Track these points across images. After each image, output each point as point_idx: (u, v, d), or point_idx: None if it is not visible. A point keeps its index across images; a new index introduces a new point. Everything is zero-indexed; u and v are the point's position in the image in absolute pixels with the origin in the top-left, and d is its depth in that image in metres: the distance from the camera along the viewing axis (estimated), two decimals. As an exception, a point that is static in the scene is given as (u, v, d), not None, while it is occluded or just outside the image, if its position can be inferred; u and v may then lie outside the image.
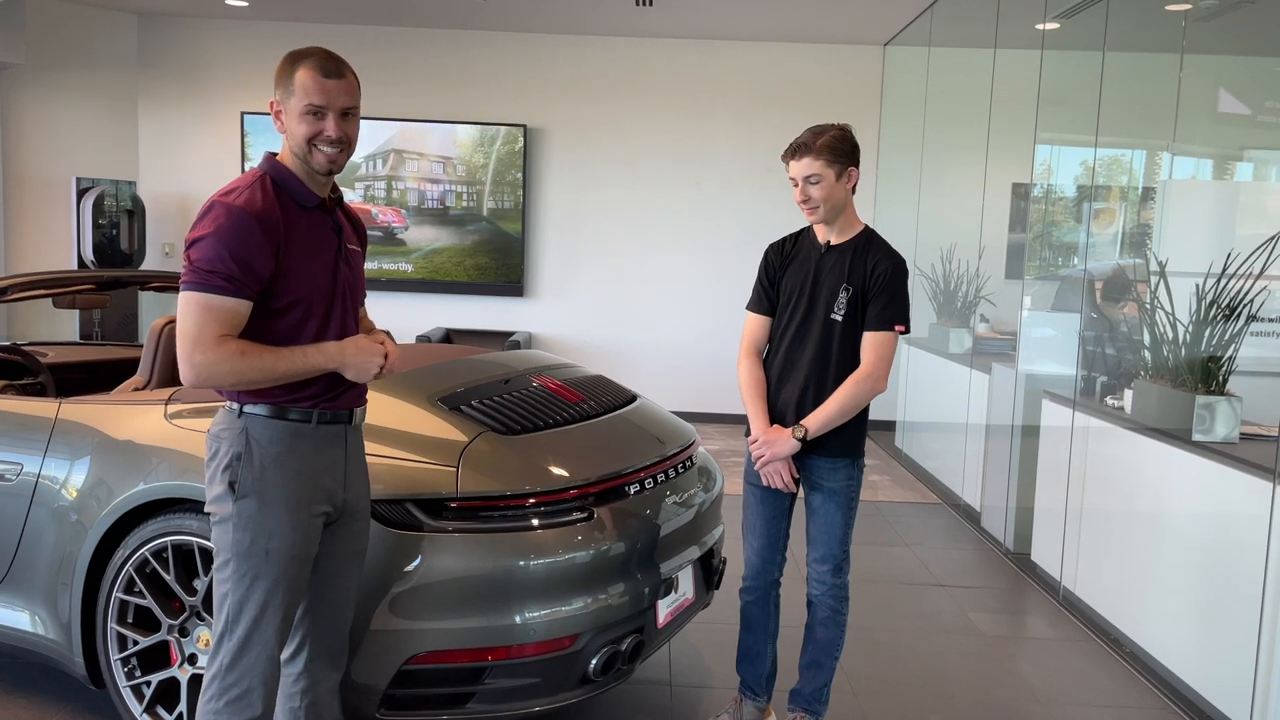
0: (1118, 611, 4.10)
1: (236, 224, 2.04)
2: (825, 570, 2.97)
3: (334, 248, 2.25)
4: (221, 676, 2.14)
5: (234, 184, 2.14)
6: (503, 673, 2.62)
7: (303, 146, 2.15)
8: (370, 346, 2.22)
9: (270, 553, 2.13)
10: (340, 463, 2.28)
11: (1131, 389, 4.22)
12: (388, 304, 8.47)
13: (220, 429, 2.19)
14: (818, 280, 2.93)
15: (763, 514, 3.04)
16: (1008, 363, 5.55)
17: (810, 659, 3.04)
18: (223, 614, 2.15)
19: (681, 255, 8.44)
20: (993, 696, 3.56)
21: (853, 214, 2.96)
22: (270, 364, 2.08)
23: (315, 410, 2.20)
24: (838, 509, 2.96)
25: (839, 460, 2.94)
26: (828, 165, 2.84)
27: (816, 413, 2.86)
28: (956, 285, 6.87)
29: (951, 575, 4.87)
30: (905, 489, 6.52)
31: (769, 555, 3.05)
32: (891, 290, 2.86)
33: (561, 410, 3.10)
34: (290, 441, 2.18)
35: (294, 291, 2.14)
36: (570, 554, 2.67)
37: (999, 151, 6.28)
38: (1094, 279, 4.96)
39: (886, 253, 2.91)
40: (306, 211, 2.20)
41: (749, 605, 3.10)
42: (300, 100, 2.12)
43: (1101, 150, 5.12)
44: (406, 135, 8.24)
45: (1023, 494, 5.16)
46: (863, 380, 2.86)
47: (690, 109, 8.36)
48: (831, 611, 3.00)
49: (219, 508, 2.15)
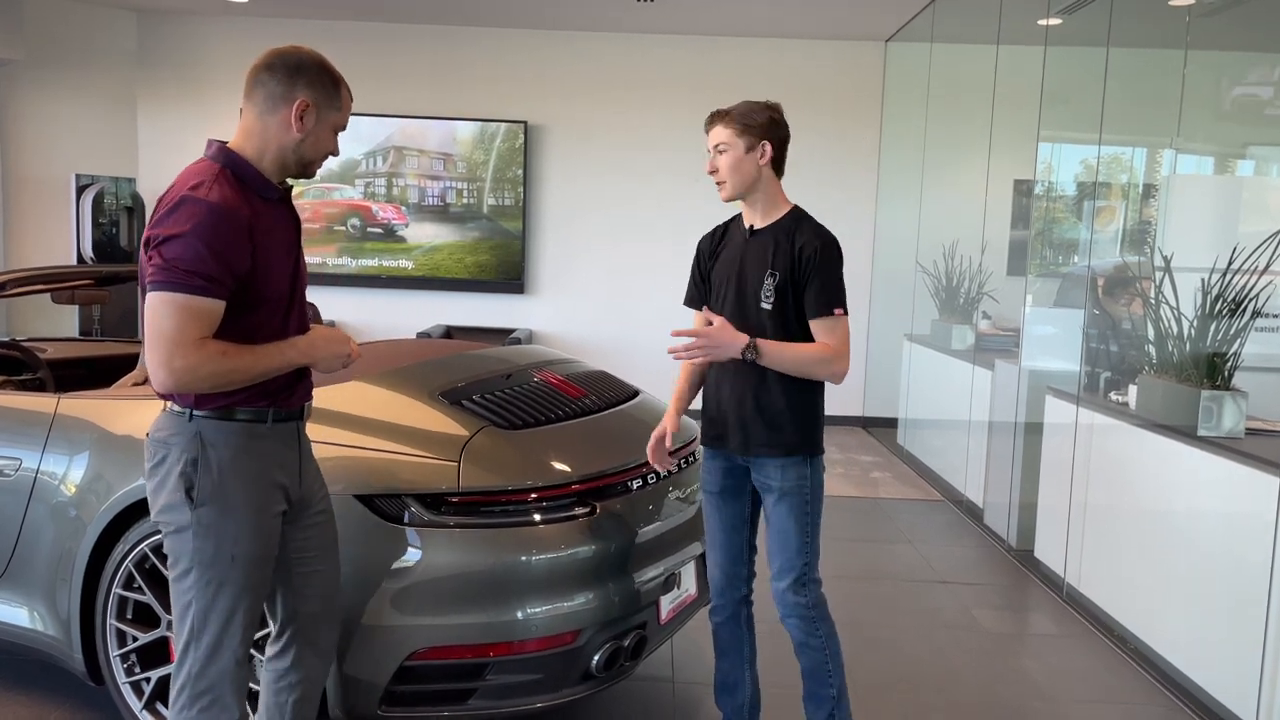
0: (1122, 608, 4.08)
1: (213, 221, 1.95)
2: (783, 587, 2.70)
3: (292, 239, 2.21)
4: (191, 684, 2.09)
5: (195, 177, 2.02)
6: (504, 669, 2.61)
7: (320, 156, 2.18)
8: (338, 335, 2.20)
9: (235, 558, 2.07)
10: (295, 458, 2.22)
11: (1136, 384, 4.20)
12: (388, 301, 8.46)
13: (166, 434, 2.08)
14: (743, 268, 2.73)
15: (722, 524, 2.84)
16: (1010, 359, 5.53)
17: (806, 691, 2.80)
18: (186, 622, 2.08)
19: (682, 252, 8.41)
20: (996, 694, 3.54)
21: (776, 194, 2.76)
22: (250, 363, 2.02)
23: (270, 409, 2.13)
24: (790, 512, 2.69)
25: (790, 458, 2.70)
26: (737, 135, 2.69)
27: (776, 344, 2.62)
28: (959, 282, 6.85)
29: (954, 572, 4.85)
30: (908, 486, 6.50)
31: (732, 569, 2.84)
32: (824, 273, 2.64)
33: (563, 405, 3.08)
34: (245, 443, 2.10)
35: (264, 287, 2.08)
36: (572, 549, 2.66)
37: (1001, 148, 6.26)
38: (1097, 275, 4.94)
39: (814, 232, 2.69)
40: (268, 204, 2.13)
41: (719, 627, 2.90)
42: (342, 118, 2.18)
43: (1105, 146, 5.10)
44: (406, 132, 8.22)
45: (1026, 490, 5.14)
46: (824, 350, 2.63)
47: (691, 106, 8.28)
48: (803, 635, 2.73)
49: (174, 516, 2.06)
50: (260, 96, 2.11)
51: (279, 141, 2.11)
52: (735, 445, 2.78)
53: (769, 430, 2.71)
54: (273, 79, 2.10)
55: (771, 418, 2.71)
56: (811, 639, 2.72)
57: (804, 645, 2.74)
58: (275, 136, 2.11)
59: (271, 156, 2.12)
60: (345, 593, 2.54)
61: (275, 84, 2.09)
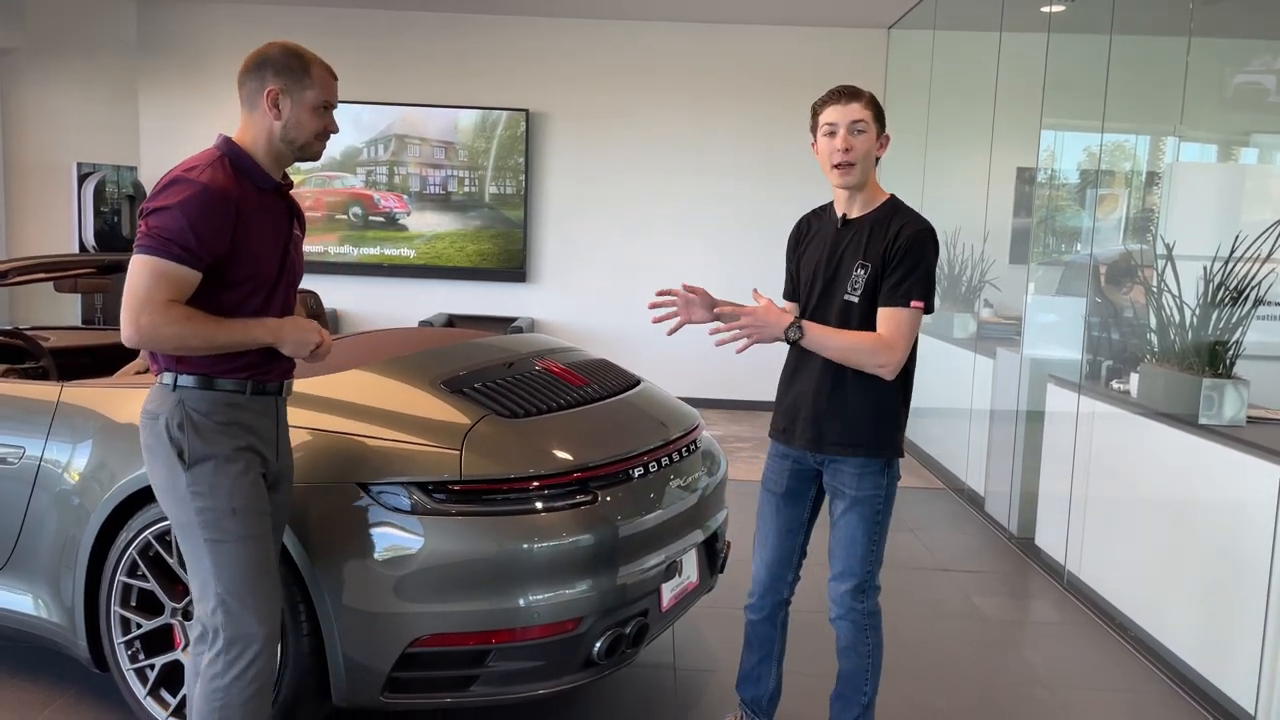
0: (1123, 596, 4.09)
1: (200, 199, 2.10)
2: (844, 591, 2.65)
3: (285, 230, 2.33)
4: (224, 650, 2.16)
5: (194, 161, 2.18)
6: (506, 655, 2.62)
7: (309, 137, 2.27)
8: (308, 324, 2.29)
9: (236, 510, 2.18)
10: (273, 432, 2.35)
11: (1137, 373, 4.20)
12: (390, 290, 8.46)
13: (155, 404, 2.23)
14: (833, 259, 2.62)
15: (777, 525, 2.78)
16: (1012, 347, 5.53)
17: (837, 691, 2.75)
18: (209, 591, 2.17)
19: (684, 240, 8.41)
20: (997, 681, 3.55)
21: (876, 185, 2.66)
22: (213, 331, 2.13)
23: (250, 381, 2.25)
24: (861, 521, 2.62)
25: (869, 462, 2.60)
26: (874, 120, 2.59)
27: (822, 327, 2.55)
28: (961, 270, 6.84)
29: (955, 560, 4.87)
30: (909, 474, 6.51)
31: (779, 572, 2.80)
32: (912, 260, 2.50)
33: (565, 394, 3.09)
34: (228, 411, 2.23)
35: (246, 268, 2.20)
36: (573, 537, 2.66)
37: (1004, 136, 6.24)
38: (1099, 263, 4.93)
39: (912, 219, 2.56)
40: (262, 194, 2.26)
41: (754, 624, 2.86)
42: (319, 94, 2.27)
43: (1108, 134, 5.09)
44: (408, 120, 8.21)
45: (1027, 479, 5.15)
46: (875, 340, 2.50)
47: (692, 93, 8.32)
48: (851, 640, 2.68)
49: (170, 482, 2.18)
50: (244, 97, 2.26)
51: (266, 132, 2.25)
52: (806, 441, 2.68)
53: (845, 429, 2.61)
54: (248, 78, 2.25)
55: (848, 414, 2.60)
56: (859, 645, 2.68)
57: (849, 649, 2.69)
58: (262, 128, 2.25)
59: (264, 147, 2.26)
60: (348, 580, 2.56)
61: (250, 82, 2.24)
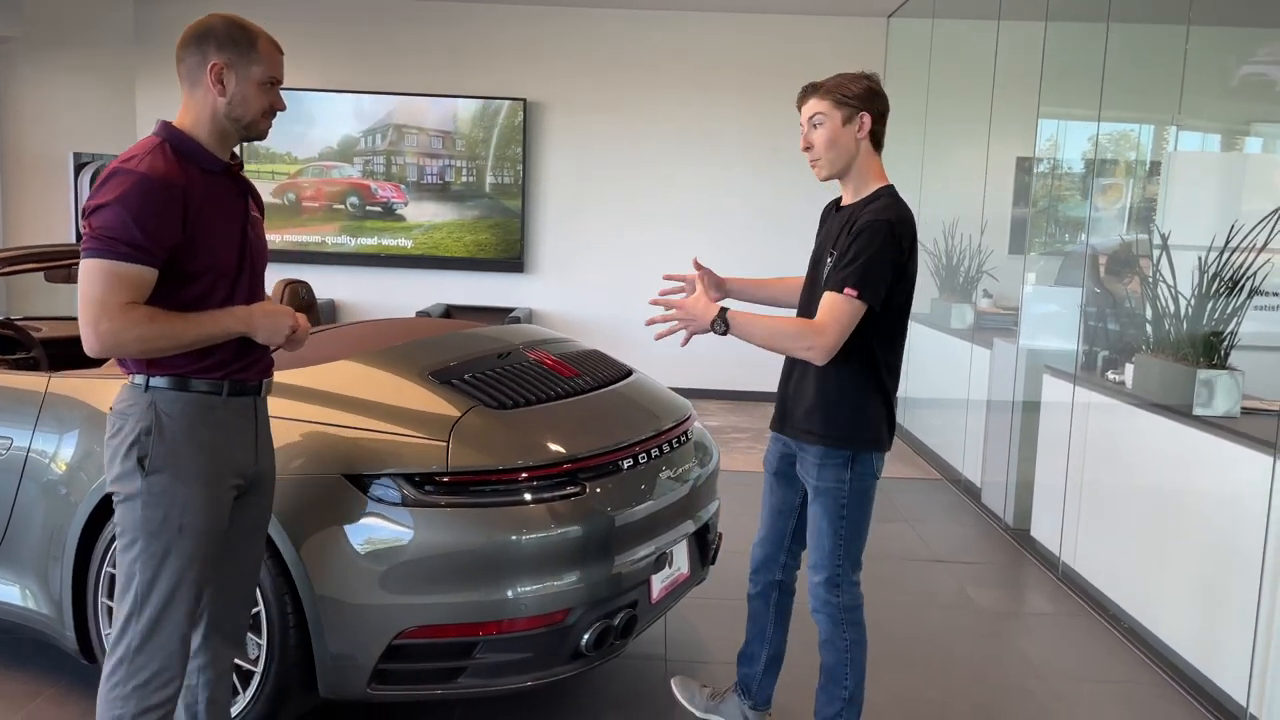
0: (1116, 587, 4.08)
1: (141, 190, 1.98)
2: (816, 583, 2.64)
3: (241, 212, 2.22)
4: (130, 660, 2.08)
5: (132, 151, 2.07)
6: (494, 647, 2.61)
7: (255, 114, 2.16)
8: (280, 310, 2.19)
9: (184, 528, 2.08)
10: (251, 434, 2.25)
11: (1132, 363, 4.19)
12: (388, 280, 8.44)
13: (125, 405, 2.12)
14: (823, 246, 2.64)
15: (770, 505, 2.83)
16: (1009, 338, 5.52)
17: (820, 684, 2.73)
18: (130, 594, 2.09)
19: (683, 230, 8.38)
20: (990, 672, 3.54)
21: (869, 171, 2.59)
22: (180, 329, 2.04)
23: (225, 381, 2.16)
24: (824, 514, 2.59)
25: (830, 453, 2.56)
26: (835, 106, 2.53)
27: (747, 315, 2.50)
28: (959, 260, 6.82)
29: (950, 551, 4.86)
30: (906, 465, 6.50)
31: (771, 552, 2.84)
32: (857, 248, 2.44)
33: (555, 385, 3.07)
34: (201, 414, 2.13)
35: (204, 258, 2.09)
36: (562, 529, 2.65)
37: (1002, 125, 6.21)
38: (1096, 253, 4.91)
39: (878, 209, 2.49)
40: (211, 176, 2.14)
41: (750, 598, 2.91)
42: (265, 70, 2.15)
43: (1105, 124, 5.06)
44: (405, 109, 8.18)
45: (1023, 469, 5.14)
46: (801, 325, 2.47)
47: (691, 82, 8.28)
48: (829, 633, 2.66)
49: (125, 485, 2.08)
50: (184, 73, 2.14)
51: (210, 109, 2.13)
52: (776, 423, 2.74)
53: (805, 415, 2.61)
54: (187, 53, 2.12)
55: (811, 401, 2.59)
56: (837, 639, 2.65)
57: (828, 643, 2.68)
58: (205, 106, 2.13)
59: (208, 127, 2.14)
60: (334, 572, 2.55)
61: (190, 56, 2.12)
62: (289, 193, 8.29)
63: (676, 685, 3.04)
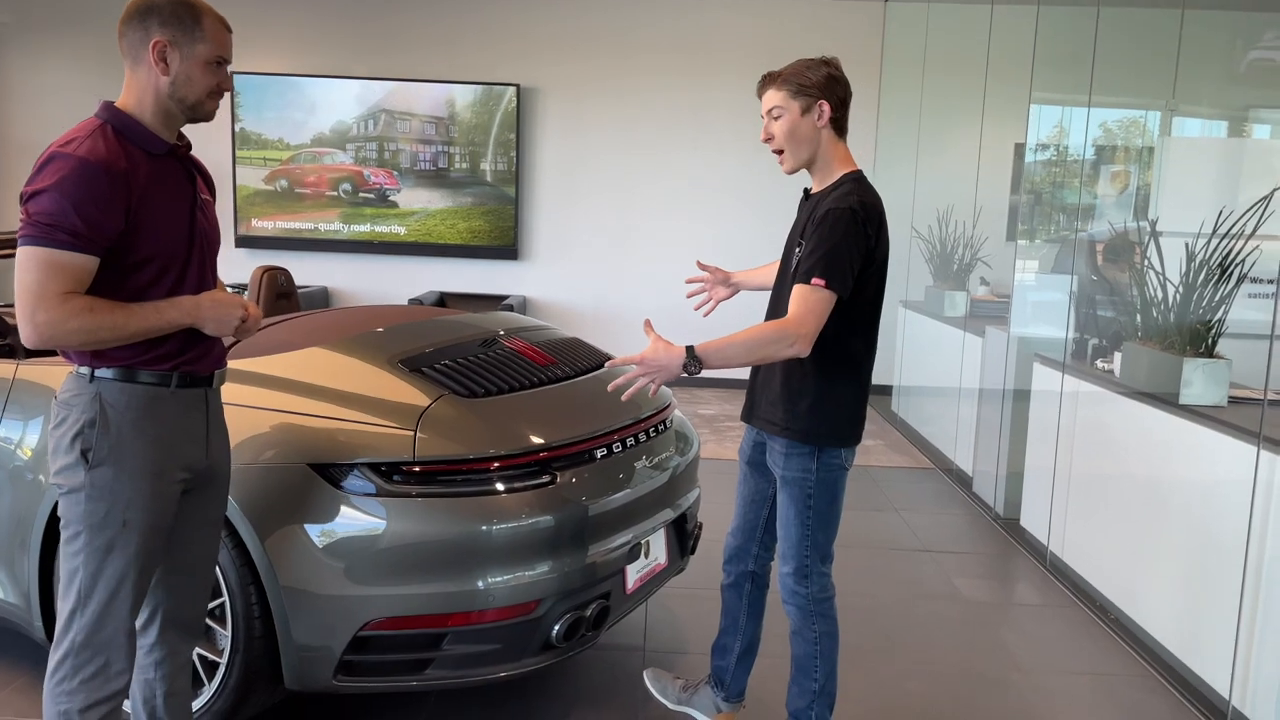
0: (1103, 577, 4.04)
1: (80, 175, 1.90)
2: (785, 574, 2.60)
3: (189, 196, 2.14)
4: (75, 654, 2.04)
5: (71, 134, 1.98)
6: (462, 639, 2.58)
7: (200, 95, 2.08)
8: (229, 298, 2.12)
9: (128, 523, 2.03)
10: (201, 427, 2.19)
11: (1120, 352, 4.14)
12: (380, 267, 8.40)
13: (70, 395, 2.06)
14: (791, 238, 2.58)
15: (743, 494, 2.79)
16: (1002, 326, 5.47)
17: (791, 676, 2.68)
18: (73, 589, 2.05)
19: (678, 218, 8.33)
20: (973, 664, 3.51)
21: (833, 159, 2.53)
22: (121, 321, 1.97)
23: (174, 373, 2.09)
24: (792, 504, 2.55)
25: (793, 445, 2.52)
26: (791, 97, 2.49)
27: (717, 343, 2.34)
28: (952, 248, 6.76)
29: (939, 541, 4.82)
30: (899, 454, 6.45)
31: (743, 542, 2.79)
32: (819, 237, 2.38)
33: (529, 373, 3.04)
34: (147, 406, 2.07)
35: (150, 245, 2.02)
36: (531, 519, 2.61)
37: (995, 111, 6.15)
38: (1087, 240, 4.86)
39: (841, 196, 2.43)
40: (155, 159, 2.05)
41: (723, 589, 2.86)
42: (212, 50, 2.08)
43: (1096, 110, 4.99)
44: (397, 95, 8.12)
45: (1013, 458, 5.10)
46: (777, 327, 2.36)
47: (686, 68, 8.21)
48: (799, 625, 2.62)
49: (68, 478, 2.03)
50: (125, 49, 2.06)
51: (153, 89, 2.05)
52: (745, 412, 2.71)
53: (770, 406, 2.58)
54: (129, 29, 2.05)
55: (777, 391, 2.55)
56: (806, 630, 2.62)
57: (797, 634, 2.64)
58: (148, 85, 2.05)
59: (151, 108, 2.06)
60: (298, 562, 2.52)
61: (132, 33, 2.05)
62: (281, 179, 8.25)
63: (649, 678, 3.01)
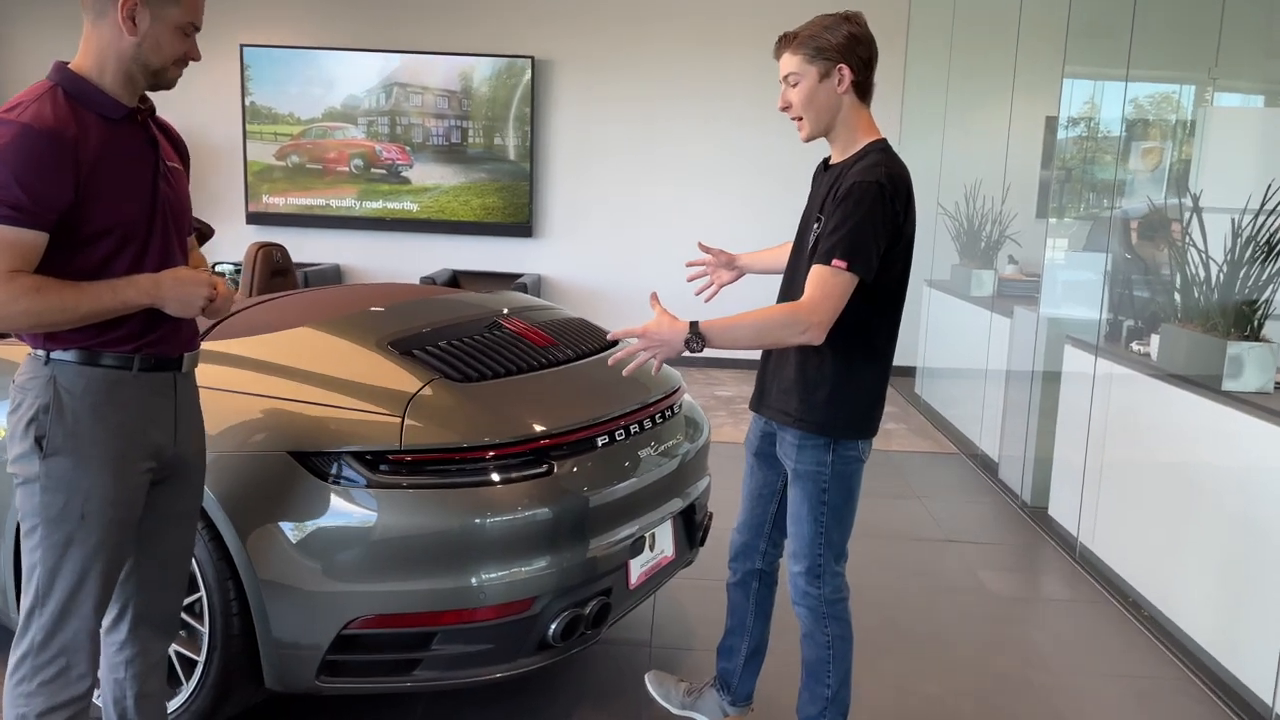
0: (1137, 572, 3.85)
1: (22, 144, 1.76)
2: (795, 573, 2.42)
3: (151, 163, 1.98)
4: (34, 655, 1.92)
5: (18, 98, 1.84)
6: (452, 638, 2.43)
7: (166, 61, 1.93)
8: (193, 276, 1.96)
9: (87, 515, 1.90)
10: (169, 413, 2.04)
11: (1158, 334, 3.92)
12: (393, 244, 8.25)
13: (25, 378, 1.93)
14: (809, 213, 2.39)
15: (750, 488, 2.62)
16: (1031, 306, 5.25)
17: (802, 680, 2.52)
18: (32, 585, 1.92)
19: (697, 193, 8.11)
20: (996, 663, 3.33)
21: (858, 126, 2.31)
22: (73, 302, 1.82)
23: (136, 355, 1.95)
24: (805, 499, 2.37)
25: (807, 436, 2.34)
26: (808, 61, 2.28)
27: (723, 321, 2.19)
28: (980, 225, 6.53)
29: (962, 530, 4.63)
30: (922, 438, 6.25)
31: (750, 539, 2.63)
32: (843, 213, 2.18)
33: (527, 356, 2.87)
34: (107, 391, 1.92)
35: (104, 218, 1.86)
36: (525, 512, 2.46)
37: (1026, 84, 5.90)
38: (1122, 217, 4.63)
39: (865, 168, 2.22)
40: (112, 125, 1.89)
41: (729, 587, 2.70)
42: (184, 15, 1.93)
43: (1136, 82, 4.75)
44: (409, 68, 7.94)
45: (1042, 444, 4.89)
46: (788, 311, 2.19)
47: (705, 39, 7.97)
48: (810, 627, 2.45)
49: (23, 467, 1.90)
50: (88, 2, 1.89)
51: (115, 49, 1.88)
52: (754, 401, 2.53)
53: (783, 394, 2.39)
54: None
55: (791, 379, 2.37)
56: (818, 634, 2.44)
57: (808, 637, 2.46)
58: (110, 44, 1.88)
59: (112, 69, 1.90)
60: (278, 556, 2.38)
61: None
62: (292, 155, 8.10)
63: (650, 681, 2.85)
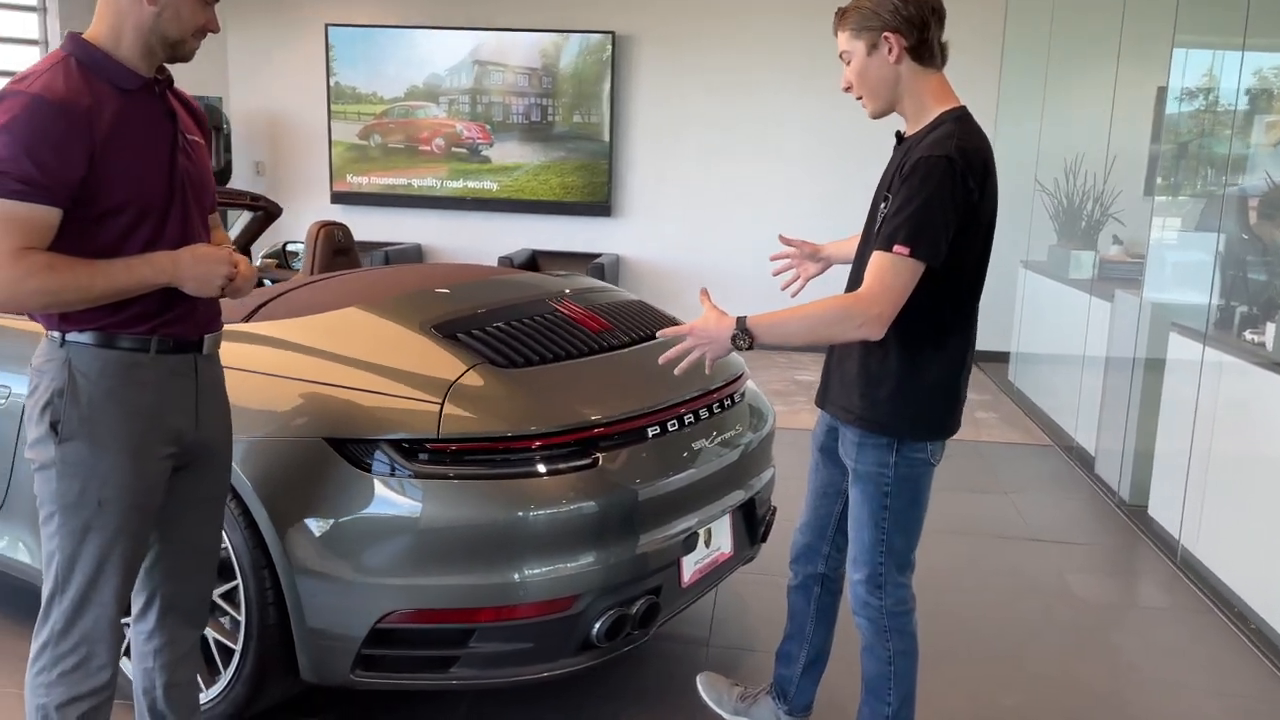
0: (1244, 580, 3.54)
1: (33, 115, 1.69)
2: (856, 581, 2.26)
3: (168, 137, 1.90)
4: (54, 643, 1.88)
5: (31, 68, 1.77)
6: (490, 636, 2.33)
7: (185, 33, 1.86)
8: (212, 254, 1.87)
9: (104, 502, 1.84)
10: (190, 397, 1.97)
11: (1276, 322, 3.60)
12: (473, 224, 8.23)
13: (41, 362, 1.88)
14: (877, 193, 2.20)
15: (814, 485, 2.47)
16: (1133, 289, 4.91)
17: (862, 695, 2.36)
18: (51, 573, 1.88)
19: (785, 171, 7.86)
20: (1081, 675, 3.09)
21: (925, 94, 2.13)
22: (86, 280, 1.75)
23: (153, 337, 1.88)
24: (865, 501, 2.21)
25: (868, 435, 2.18)
26: (854, 36, 2.11)
27: (771, 317, 2.05)
28: (1080, 202, 6.16)
29: (1052, 529, 4.35)
30: (1013, 428, 5.94)
31: (813, 539, 2.47)
32: (907, 193, 2.00)
33: (578, 341, 2.74)
34: (123, 374, 1.86)
35: (120, 193, 1.79)
36: (569, 506, 2.33)
37: (1133, 51, 5.51)
38: (1240, 195, 4.27)
39: (932, 142, 2.04)
40: (127, 96, 1.82)
41: (790, 590, 2.54)
42: None
43: (1254, 51, 4.36)
44: (490, 46, 7.88)
45: (1143, 438, 4.56)
46: (844, 305, 2.04)
47: (799, 9, 7.68)
48: (870, 640, 2.29)
49: (39, 452, 1.86)
50: None
51: (134, 19, 1.81)
52: (819, 396, 2.36)
53: (844, 389, 2.23)
54: None
55: (853, 374, 2.20)
56: (878, 648, 2.28)
57: (869, 650, 2.31)
58: (128, 13, 1.81)
59: (129, 39, 1.83)
60: (314, 545, 2.30)
61: None
62: (375, 134, 8.13)
63: (702, 683, 2.71)
